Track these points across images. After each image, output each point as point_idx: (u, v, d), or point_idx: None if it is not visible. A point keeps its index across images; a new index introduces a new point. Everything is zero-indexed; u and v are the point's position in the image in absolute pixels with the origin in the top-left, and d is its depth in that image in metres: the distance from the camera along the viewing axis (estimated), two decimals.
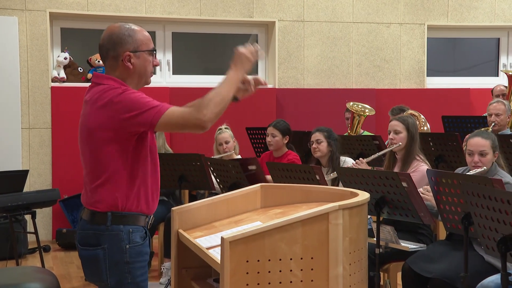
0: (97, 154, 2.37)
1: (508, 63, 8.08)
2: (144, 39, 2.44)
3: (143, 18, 7.07)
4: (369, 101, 6.78)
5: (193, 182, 4.79)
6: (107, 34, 2.44)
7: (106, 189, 2.36)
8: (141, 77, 2.44)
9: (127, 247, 2.37)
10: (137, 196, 2.38)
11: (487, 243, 2.73)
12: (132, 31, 2.42)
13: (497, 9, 7.85)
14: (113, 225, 2.36)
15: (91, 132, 2.39)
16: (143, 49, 2.42)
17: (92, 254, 2.39)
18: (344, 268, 2.32)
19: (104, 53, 2.44)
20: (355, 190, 2.65)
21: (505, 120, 5.57)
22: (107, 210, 2.36)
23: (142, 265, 2.42)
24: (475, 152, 3.57)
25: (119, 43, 2.39)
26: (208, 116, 2.28)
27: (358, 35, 7.60)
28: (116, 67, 2.42)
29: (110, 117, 2.31)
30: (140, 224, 2.41)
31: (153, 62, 2.47)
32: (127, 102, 2.30)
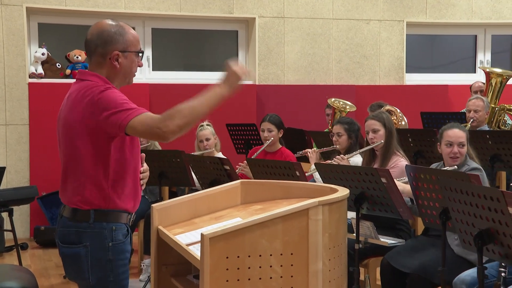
0: (78, 152, 2.35)
1: (485, 60, 8.18)
2: (134, 39, 2.43)
3: (122, 14, 7.01)
4: (349, 97, 6.82)
5: (173, 178, 4.77)
6: (97, 30, 2.41)
7: (88, 187, 2.34)
8: (125, 76, 2.44)
9: (109, 244, 2.35)
10: (119, 193, 2.37)
11: (464, 237, 2.76)
12: (123, 30, 2.41)
13: (474, 6, 7.93)
14: (96, 222, 2.35)
15: (71, 128, 2.37)
16: (131, 50, 2.42)
17: (73, 252, 2.37)
18: (324, 263, 2.33)
19: (91, 49, 2.41)
20: (334, 186, 2.67)
21: (483, 116, 5.64)
22: (90, 207, 2.35)
23: (124, 263, 2.41)
24: (455, 143, 3.62)
25: (109, 41, 2.37)
26: (171, 128, 2.23)
27: (338, 31, 7.62)
28: (103, 65, 2.40)
29: (89, 115, 2.30)
30: (123, 222, 2.40)
31: (138, 63, 2.47)
32: (105, 100, 2.29)
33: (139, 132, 2.29)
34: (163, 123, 2.24)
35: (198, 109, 2.30)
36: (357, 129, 4.65)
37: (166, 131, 2.23)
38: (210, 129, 5.24)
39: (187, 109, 2.27)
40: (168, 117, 2.25)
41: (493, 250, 2.62)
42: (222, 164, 4.31)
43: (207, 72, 7.54)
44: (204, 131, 5.21)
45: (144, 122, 2.26)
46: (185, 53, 7.83)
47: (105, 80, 2.38)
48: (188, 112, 2.27)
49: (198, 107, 2.30)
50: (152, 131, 2.25)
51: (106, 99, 2.29)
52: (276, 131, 5.01)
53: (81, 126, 2.32)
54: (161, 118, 2.25)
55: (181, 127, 2.25)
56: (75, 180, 2.36)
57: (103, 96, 2.29)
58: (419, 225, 4.29)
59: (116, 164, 2.35)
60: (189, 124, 2.28)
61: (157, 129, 2.24)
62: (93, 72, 2.41)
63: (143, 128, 2.26)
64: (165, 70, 7.36)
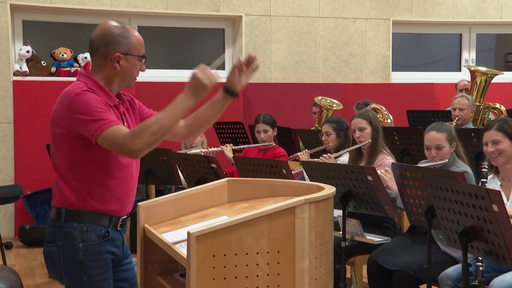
0: (54, 151, 2.36)
1: (470, 59, 8.24)
2: (137, 43, 2.40)
3: (108, 11, 6.97)
4: (336, 95, 6.83)
5: (160, 177, 4.76)
6: (101, 30, 2.39)
7: (61, 185, 2.33)
8: (124, 79, 2.40)
9: (79, 245, 2.32)
10: (95, 195, 2.33)
11: (449, 235, 2.78)
12: (127, 32, 2.38)
13: (459, 5, 7.99)
14: (67, 222, 2.33)
15: (51, 125, 2.37)
16: (134, 53, 2.39)
17: (48, 251, 2.37)
18: (310, 261, 2.34)
19: (94, 49, 2.39)
20: (321, 184, 2.67)
21: (469, 114, 5.68)
22: (62, 206, 2.34)
23: (98, 265, 2.35)
24: (432, 146, 3.63)
25: (112, 43, 2.35)
26: (139, 146, 2.19)
27: (324, 30, 7.64)
28: (104, 66, 2.38)
29: (63, 115, 2.29)
30: (101, 224, 2.35)
31: (140, 68, 2.44)
32: (80, 103, 2.26)
33: (109, 146, 2.25)
34: (132, 140, 2.20)
35: (166, 123, 2.26)
36: (345, 127, 4.67)
37: (134, 149, 2.20)
38: None
39: (155, 126, 2.23)
40: (137, 135, 2.21)
41: (477, 247, 2.65)
42: (208, 162, 4.30)
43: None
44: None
45: (113, 137, 2.22)
46: (171, 51, 7.81)
47: (95, 82, 2.35)
48: (156, 128, 2.23)
49: (166, 122, 2.26)
50: (120, 147, 2.22)
51: (80, 102, 2.26)
52: (271, 131, 5.05)
53: (56, 126, 2.32)
54: (130, 135, 2.21)
55: (150, 144, 2.23)
56: (55, 178, 2.37)
57: (78, 98, 2.27)
58: (405, 223, 4.31)
59: (94, 165, 2.32)
60: (158, 140, 2.25)
61: (125, 146, 2.20)
62: (86, 74, 2.39)
63: (112, 143, 2.22)
64: (151, 68, 7.32)
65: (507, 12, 8.04)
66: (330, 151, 4.61)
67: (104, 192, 2.34)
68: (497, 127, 3.30)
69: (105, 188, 2.35)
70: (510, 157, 3.28)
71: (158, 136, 2.23)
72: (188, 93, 2.31)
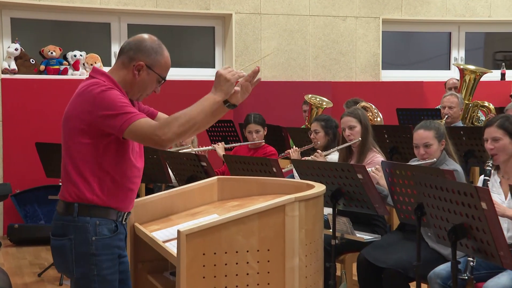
0: (70, 144, 2.37)
1: (459, 57, 8.28)
2: (165, 65, 2.47)
3: (97, 9, 6.94)
4: (326, 93, 6.84)
5: (150, 175, 4.75)
6: (139, 38, 2.47)
7: (75, 180, 2.35)
8: (138, 90, 2.45)
9: (93, 239, 2.35)
10: (106, 191, 2.36)
11: (438, 232, 2.79)
12: (161, 50, 2.46)
13: (448, 4, 8.02)
14: (80, 216, 2.35)
15: (68, 120, 2.39)
16: (157, 71, 2.44)
17: (59, 244, 2.39)
18: (300, 259, 2.34)
19: (124, 49, 2.45)
20: (311, 182, 2.68)
21: (458, 112, 5.71)
22: (75, 201, 2.36)
23: (109, 258, 2.39)
24: (420, 144, 3.64)
25: (143, 51, 2.42)
26: (168, 136, 2.28)
27: (314, 28, 7.65)
28: (124, 67, 2.42)
29: (88, 110, 2.32)
30: (110, 218, 2.39)
31: (155, 89, 2.48)
32: (105, 99, 2.30)
33: (137, 138, 2.33)
34: (161, 130, 2.28)
35: (195, 117, 2.34)
36: (334, 125, 4.68)
37: (164, 138, 2.28)
38: None
39: (184, 118, 2.32)
40: (166, 125, 2.30)
41: (466, 244, 2.66)
42: (199, 161, 4.30)
43: (183, 68, 7.51)
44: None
45: (142, 128, 2.29)
46: None
47: (113, 81, 2.39)
48: (185, 120, 2.32)
49: (194, 115, 2.34)
50: (150, 137, 2.29)
51: (105, 99, 2.30)
52: (263, 130, 5.06)
53: (77, 121, 2.34)
54: (159, 126, 2.30)
55: (179, 135, 2.32)
56: (66, 172, 2.39)
57: (103, 95, 2.31)
58: (395, 221, 4.33)
59: (111, 163, 2.35)
60: (186, 132, 2.34)
61: (155, 136, 2.28)
62: (105, 72, 2.43)
63: (141, 134, 2.29)
64: None
65: (495, 10, 8.09)
66: (319, 149, 4.63)
67: (116, 189, 2.38)
68: (498, 124, 3.25)
69: (118, 186, 2.39)
70: (509, 155, 3.23)
71: (187, 127, 2.32)
72: (213, 90, 2.41)
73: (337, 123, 4.70)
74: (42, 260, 5.52)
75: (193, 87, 6.97)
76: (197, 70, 7.56)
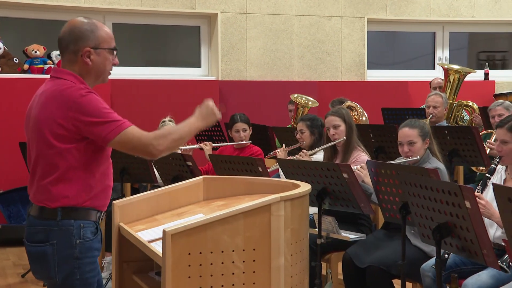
0: (48, 150, 2.32)
1: (444, 57, 8.34)
2: (106, 36, 2.41)
3: (82, 8, 6.90)
4: (311, 93, 6.86)
5: (135, 175, 4.73)
6: (69, 27, 2.39)
7: (58, 186, 2.31)
8: (98, 75, 2.41)
9: (77, 242, 2.33)
10: (88, 191, 2.34)
11: (423, 231, 2.81)
12: (95, 26, 2.39)
13: (433, 4, 8.08)
14: (64, 219, 2.32)
15: (42, 124, 2.33)
16: (104, 46, 2.39)
17: (40, 251, 2.34)
18: (286, 258, 2.34)
19: (63, 46, 2.39)
20: (297, 182, 2.68)
21: (442, 112, 5.75)
22: (57, 205, 2.32)
23: (91, 261, 2.38)
24: (404, 142, 3.69)
25: (80, 38, 2.35)
26: (162, 148, 2.33)
27: (300, 27, 7.66)
28: (75, 62, 2.37)
29: (67, 116, 2.27)
30: (91, 219, 2.38)
31: (113, 61, 2.44)
32: (88, 105, 2.27)
33: (127, 146, 2.32)
34: (157, 141, 2.31)
35: (183, 136, 2.42)
36: (319, 125, 4.69)
37: (159, 149, 2.32)
38: (172, 124, 5.21)
39: (176, 134, 2.39)
40: (163, 136, 2.34)
41: (450, 243, 2.68)
42: (184, 160, 4.29)
43: (169, 68, 7.49)
44: (166, 126, 5.18)
45: (135, 137, 2.30)
46: (146, 48, 7.75)
47: (80, 80, 2.35)
48: (177, 136, 2.38)
49: (183, 134, 2.41)
50: (145, 146, 2.31)
51: (88, 105, 2.27)
52: (249, 129, 5.06)
53: (54, 125, 2.29)
54: (155, 136, 2.32)
55: (170, 149, 2.38)
56: (42, 178, 2.34)
57: (84, 100, 2.27)
58: (380, 219, 4.35)
59: (87, 162, 2.33)
60: (175, 148, 2.43)
61: (150, 146, 2.31)
62: (68, 71, 2.38)
63: (134, 143, 2.30)
64: (126, 65, 7.27)
65: (478, 11, 8.16)
66: (305, 148, 4.64)
67: (96, 187, 2.37)
68: (508, 126, 3.16)
69: (97, 184, 2.37)
70: None
71: (176, 143, 2.40)
72: (199, 117, 2.48)
73: (322, 122, 4.71)
74: (25, 261, 5.43)
75: (178, 86, 6.96)
76: (182, 69, 7.54)
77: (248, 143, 5.11)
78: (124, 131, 2.27)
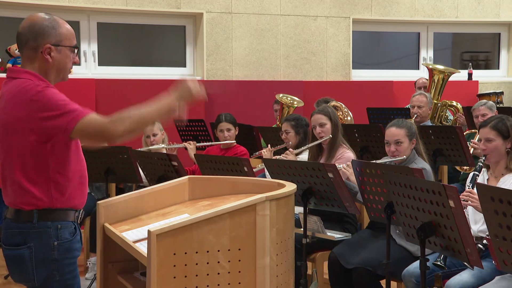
0: (16, 153, 2.28)
1: (428, 57, 8.39)
2: (68, 33, 2.36)
3: (66, 7, 6.85)
4: (297, 93, 6.87)
5: (120, 175, 4.71)
6: (28, 22, 2.33)
7: (29, 188, 2.28)
8: (59, 72, 2.36)
9: (55, 243, 2.30)
10: (63, 191, 2.32)
11: (408, 230, 2.83)
12: (56, 23, 2.33)
13: (417, 4, 8.13)
14: (40, 221, 2.29)
15: (7, 128, 2.29)
16: (65, 44, 2.34)
17: (17, 254, 2.31)
18: (271, 258, 2.35)
19: (22, 42, 2.34)
20: (282, 182, 2.69)
21: (427, 111, 5.79)
22: (32, 208, 2.29)
23: (71, 262, 2.36)
24: (391, 142, 3.71)
25: (40, 34, 2.30)
26: (120, 131, 2.24)
27: (285, 27, 7.67)
28: (35, 59, 2.33)
29: (28, 115, 2.23)
30: (69, 220, 2.35)
31: (73, 59, 2.39)
32: (45, 100, 2.22)
33: (87, 135, 2.26)
34: (113, 125, 2.23)
35: (147, 116, 2.32)
36: (304, 124, 4.70)
37: (115, 134, 2.24)
38: (157, 124, 5.19)
39: (136, 115, 2.28)
40: (118, 120, 2.24)
41: (434, 242, 2.70)
42: (169, 160, 4.28)
43: (154, 67, 7.46)
44: (151, 126, 5.16)
45: (91, 123, 2.23)
46: (131, 48, 7.72)
47: (38, 76, 2.30)
48: (137, 118, 2.28)
49: (146, 115, 2.31)
50: (101, 133, 2.24)
51: (45, 99, 2.22)
52: (234, 129, 5.06)
53: (18, 127, 2.25)
54: (110, 121, 2.24)
55: (130, 132, 2.27)
56: (15, 182, 2.30)
57: (41, 97, 2.23)
58: (365, 219, 4.37)
59: (58, 162, 2.29)
60: (137, 130, 2.31)
61: (107, 131, 2.23)
62: (25, 69, 2.33)
63: (92, 130, 2.23)
64: (111, 65, 7.23)
65: (462, 11, 8.23)
66: (291, 148, 4.65)
67: (68, 187, 2.33)
68: (492, 125, 3.24)
69: (71, 183, 2.34)
70: (501, 157, 3.24)
71: (138, 125, 2.29)
72: (171, 94, 2.36)
73: (307, 122, 4.73)
74: None
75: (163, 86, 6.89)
76: (168, 69, 7.52)
77: (233, 143, 5.11)
78: (82, 120, 2.21)
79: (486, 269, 2.97)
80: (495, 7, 8.28)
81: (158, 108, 2.34)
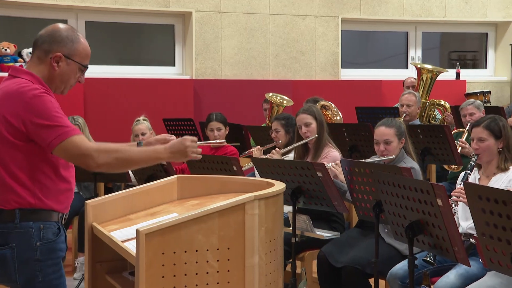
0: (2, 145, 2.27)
1: (416, 56, 8.43)
2: (83, 52, 2.38)
3: (54, 6, 6.81)
4: (286, 92, 6.88)
5: (109, 174, 4.66)
6: (51, 28, 2.37)
7: (12, 186, 2.26)
8: (61, 83, 2.37)
9: (37, 244, 2.29)
10: (46, 193, 2.30)
11: (396, 229, 2.84)
12: (76, 38, 2.37)
13: (405, 4, 8.17)
14: (22, 222, 2.28)
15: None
16: (76, 59, 2.36)
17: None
18: (260, 257, 2.35)
19: (38, 43, 2.36)
20: (271, 181, 2.69)
21: (416, 111, 5.81)
22: (14, 207, 2.27)
23: (54, 263, 2.34)
24: (380, 141, 3.72)
25: (57, 42, 2.33)
26: (101, 162, 2.24)
27: (274, 26, 7.67)
28: (42, 62, 2.34)
29: (19, 114, 2.22)
30: (53, 220, 2.34)
31: (78, 78, 2.40)
32: (39, 107, 2.22)
33: (68, 154, 2.25)
34: (97, 154, 2.24)
35: (134, 160, 2.34)
36: (294, 123, 4.71)
37: (98, 163, 2.24)
38: (146, 123, 5.18)
39: (125, 154, 2.31)
40: (104, 151, 2.26)
41: (423, 240, 2.72)
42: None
43: (142, 66, 7.44)
44: (140, 125, 5.14)
45: (77, 145, 2.22)
46: (120, 47, 7.69)
47: (39, 80, 2.30)
48: (124, 157, 2.30)
49: (134, 158, 2.34)
50: (84, 158, 2.23)
51: (39, 105, 2.22)
52: (224, 129, 5.06)
53: (5, 124, 2.24)
54: (97, 148, 2.25)
55: (111, 167, 2.28)
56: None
57: (37, 101, 2.22)
58: (353, 218, 4.38)
59: (48, 165, 2.29)
60: (118, 168, 2.33)
61: (89, 158, 2.23)
62: (28, 71, 2.33)
63: (76, 152, 2.23)
64: (100, 64, 7.19)
65: (450, 11, 8.27)
66: (281, 147, 4.65)
67: (53, 189, 2.32)
68: (484, 125, 3.26)
69: (57, 187, 2.33)
70: (493, 156, 3.26)
71: (121, 165, 2.31)
72: (167, 149, 2.39)
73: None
74: None
75: (152, 85, 6.92)
76: (156, 68, 7.50)
77: (222, 143, 5.10)
78: (69, 138, 2.21)
79: (473, 268, 2.99)
80: (482, 7, 8.34)
81: (147, 156, 2.37)
